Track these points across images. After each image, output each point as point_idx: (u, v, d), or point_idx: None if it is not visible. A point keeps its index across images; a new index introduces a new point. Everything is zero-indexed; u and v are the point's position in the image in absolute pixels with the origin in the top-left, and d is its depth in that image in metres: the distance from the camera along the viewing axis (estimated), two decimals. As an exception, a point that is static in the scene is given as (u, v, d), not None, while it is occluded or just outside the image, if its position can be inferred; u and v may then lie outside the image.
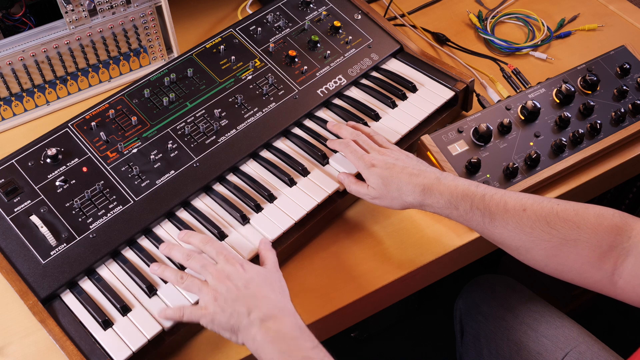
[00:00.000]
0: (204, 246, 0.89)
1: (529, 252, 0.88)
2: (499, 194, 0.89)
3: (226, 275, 0.84)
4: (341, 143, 1.01)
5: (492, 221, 0.88)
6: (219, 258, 0.86)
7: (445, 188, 0.91)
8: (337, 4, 1.24)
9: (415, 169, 0.94)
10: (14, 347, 0.89)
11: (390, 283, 0.98)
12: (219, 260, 0.86)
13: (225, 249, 0.87)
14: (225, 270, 0.84)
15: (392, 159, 0.96)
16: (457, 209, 0.90)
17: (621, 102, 1.16)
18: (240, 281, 0.83)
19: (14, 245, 0.90)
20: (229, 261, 0.85)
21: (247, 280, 0.83)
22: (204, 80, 1.10)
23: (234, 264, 0.85)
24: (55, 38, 1.13)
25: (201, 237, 0.90)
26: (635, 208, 1.65)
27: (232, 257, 0.86)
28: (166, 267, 0.89)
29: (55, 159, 0.97)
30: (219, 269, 0.85)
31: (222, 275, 0.84)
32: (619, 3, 1.43)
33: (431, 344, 1.73)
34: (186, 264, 0.88)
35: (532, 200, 0.88)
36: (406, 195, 0.93)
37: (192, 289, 0.86)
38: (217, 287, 0.83)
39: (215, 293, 0.83)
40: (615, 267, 0.83)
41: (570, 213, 0.85)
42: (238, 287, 0.82)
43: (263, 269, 0.87)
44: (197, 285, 0.85)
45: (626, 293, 0.83)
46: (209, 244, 0.88)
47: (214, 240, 0.89)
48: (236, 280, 0.83)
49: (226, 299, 0.82)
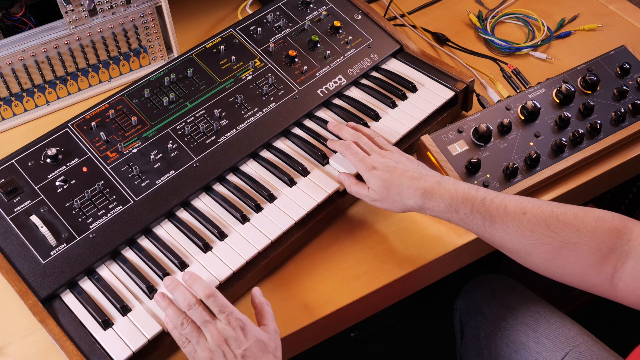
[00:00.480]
0: (206, 300, 0.85)
1: (529, 255, 0.88)
2: (499, 198, 0.89)
3: (225, 338, 0.81)
4: (342, 144, 1.01)
5: (493, 224, 0.88)
6: (220, 316, 0.83)
7: (446, 192, 0.91)
8: (337, 4, 1.24)
9: (416, 173, 0.94)
10: (14, 347, 0.89)
11: (390, 283, 0.98)
12: (221, 319, 0.83)
13: (227, 308, 0.84)
14: (225, 333, 0.82)
15: (393, 162, 0.96)
16: (457, 212, 0.90)
17: (621, 102, 1.16)
18: (238, 349, 0.81)
19: (14, 245, 0.90)
20: (230, 323, 0.82)
21: (245, 350, 0.81)
22: (204, 80, 1.10)
23: (235, 327, 0.82)
24: (55, 38, 1.13)
25: (205, 287, 0.86)
26: (635, 208, 1.65)
27: (234, 319, 0.83)
28: (170, 305, 0.86)
29: (55, 159, 0.97)
30: (219, 330, 0.82)
31: (221, 338, 0.81)
32: (619, 3, 1.43)
33: (431, 344, 1.73)
34: (187, 313, 0.85)
35: (532, 204, 0.88)
36: (407, 198, 0.93)
37: (192, 338, 0.83)
38: (214, 348, 0.81)
39: (211, 354, 0.81)
40: (615, 270, 0.83)
41: (570, 216, 0.85)
42: (235, 355, 0.80)
43: (263, 335, 0.83)
44: (196, 338, 0.83)
45: (626, 296, 0.83)
46: (211, 299, 0.85)
47: (218, 294, 0.85)
48: (234, 347, 0.81)
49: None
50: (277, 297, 0.95)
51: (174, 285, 0.87)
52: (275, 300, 0.95)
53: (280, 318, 0.93)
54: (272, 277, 0.98)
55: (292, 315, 0.93)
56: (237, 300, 0.95)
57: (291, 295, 0.96)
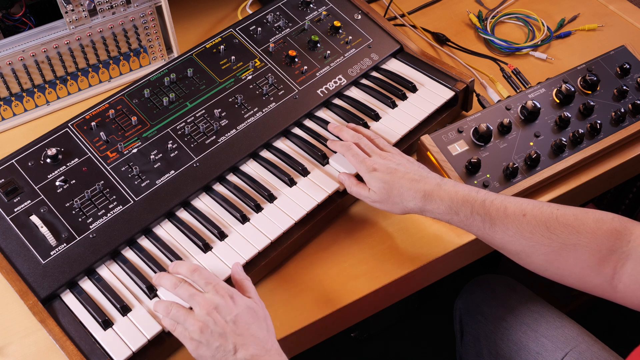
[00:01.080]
0: (191, 275, 0.85)
1: (529, 256, 0.88)
2: (499, 199, 0.89)
3: (214, 306, 0.81)
4: (342, 145, 1.01)
5: (493, 226, 0.88)
6: (207, 288, 0.83)
7: (446, 194, 0.91)
8: (337, 4, 1.24)
9: (417, 175, 0.94)
10: (14, 347, 0.89)
11: (390, 283, 0.98)
12: (208, 290, 0.83)
13: (213, 279, 0.85)
14: (214, 302, 0.81)
15: (393, 164, 0.96)
16: (457, 214, 0.90)
17: (621, 102, 1.16)
18: (229, 315, 0.80)
19: (14, 245, 0.90)
20: (218, 292, 0.82)
21: (236, 315, 0.80)
22: (204, 80, 1.10)
23: (224, 295, 0.82)
24: (55, 38, 1.13)
25: (189, 265, 0.87)
26: (635, 208, 1.65)
27: (221, 288, 0.83)
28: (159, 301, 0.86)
29: (55, 159, 0.97)
30: (207, 300, 0.82)
31: (210, 307, 0.81)
32: (619, 3, 1.43)
33: (431, 344, 1.73)
34: (174, 292, 0.85)
35: (531, 206, 0.88)
36: (407, 200, 0.93)
37: (179, 318, 0.83)
38: (204, 318, 0.80)
39: (201, 324, 0.80)
40: (615, 271, 0.83)
41: (569, 218, 0.85)
42: (226, 321, 0.80)
43: (252, 303, 0.84)
44: (183, 315, 0.82)
45: (626, 297, 0.83)
46: (196, 273, 0.85)
47: (202, 269, 0.86)
48: (224, 313, 0.81)
49: (212, 332, 0.80)
50: (277, 297, 0.95)
51: (159, 275, 0.88)
52: (275, 300, 0.95)
53: (280, 318, 0.93)
54: (272, 277, 0.98)
55: (292, 315, 0.93)
56: (237, 300, 0.95)
57: (291, 295, 0.96)
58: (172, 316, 0.83)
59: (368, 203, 0.98)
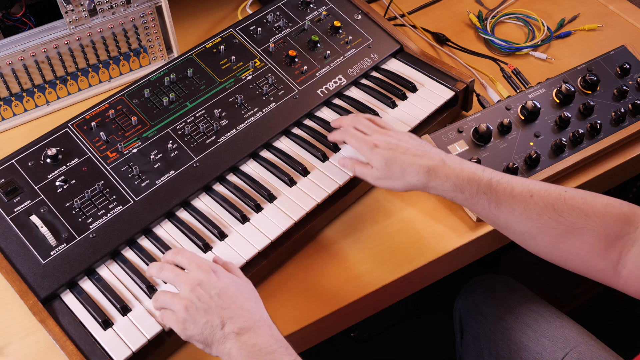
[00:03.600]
0: (174, 257, 0.85)
1: (534, 238, 0.87)
2: (505, 179, 0.88)
3: (198, 282, 0.80)
4: (341, 132, 1.01)
5: (498, 206, 0.87)
6: (190, 266, 0.83)
7: (451, 171, 0.90)
8: (337, 4, 1.24)
9: (420, 150, 0.93)
10: (14, 347, 0.89)
11: (390, 283, 0.98)
12: (191, 268, 0.83)
13: (196, 257, 0.84)
14: (197, 278, 0.80)
15: (394, 140, 0.95)
16: (462, 192, 0.89)
17: (621, 102, 1.16)
18: (213, 290, 0.79)
19: (14, 245, 0.90)
20: (200, 268, 0.82)
21: (220, 289, 0.79)
22: (204, 80, 1.10)
23: (207, 271, 0.81)
24: (55, 38, 1.13)
25: (173, 249, 0.87)
26: (635, 208, 1.64)
27: (203, 264, 0.82)
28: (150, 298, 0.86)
29: (55, 159, 0.97)
30: (191, 276, 0.81)
31: (194, 283, 0.80)
32: (619, 3, 1.43)
33: (431, 344, 1.73)
34: (159, 276, 0.85)
35: (539, 187, 0.87)
36: (410, 176, 0.92)
37: (165, 303, 0.82)
38: (188, 296, 0.79)
39: (186, 302, 0.79)
40: (621, 256, 0.82)
41: (578, 200, 0.84)
42: (211, 296, 0.79)
43: (237, 278, 0.83)
44: (169, 298, 0.82)
45: (629, 283, 0.82)
46: (179, 254, 0.85)
47: (184, 250, 0.86)
48: (209, 288, 0.79)
49: (198, 308, 0.78)
50: (277, 297, 0.95)
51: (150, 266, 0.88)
52: (275, 300, 0.95)
53: (281, 318, 0.93)
54: (272, 277, 0.98)
55: (292, 315, 0.93)
56: (237, 300, 0.95)
57: (291, 295, 0.96)
58: (160, 303, 0.83)
59: (371, 182, 0.97)
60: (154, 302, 0.85)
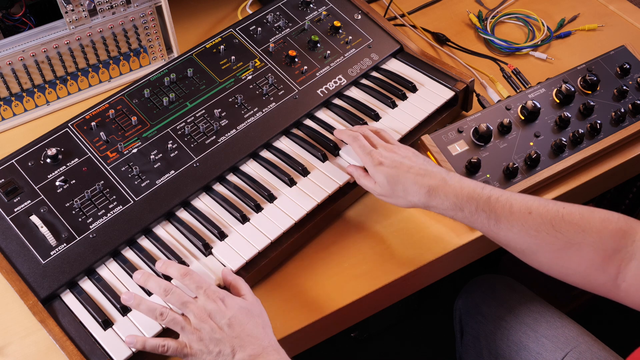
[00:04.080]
0: (182, 279, 0.85)
1: (534, 254, 0.88)
2: (504, 196, 0.89)
3: (208, 313, 0.81)
4: (350, 135, 1.01)
5: (498, 223, 0.88)
6: (198, 293, 0.84)
7: (451, 190, 0.91)
8: (337, 4, 1.24)
9: (422, 169, 0.93)
10: (14, 347, 0.89)
11: (390, 283, 0.98)
12: (199, 296, 0.83)
13: (204, 283, 0.85)
14: (207, 308, 0.82)
15: (399, 157, 0.95)
16: (462, 210, 0.90)
17: (621, 102, 1.16)
18: (222, 320, 0.81)
19: (14, 245, 0.90)
20: (209, 297, 0.83)
21: (229, 319, 0.81)
22: (204, 80, 1.10)
23: (215, 300, 0.82)
24: (55, 38, 1.13)
25: (179, 268, 0.87)
26: (635, 208, 1.65)
27: (212, 292, 0.83)
28: (142, 300, 0.85)
29: (55, 159, 0.97)
30: (200, 307, 0.82)
31: (204, 314, 0.81)
32: (619, 3, 1.43)
33: (431, 344, 1.73)
34: (165, 300, 0.85)
35: (537, 203, 0.88)
36: (412, 195, 0.93)
37: (175, 326, 0.83)
38: (199, 326, 0.81)
39: (199, 333, 0.81)
40: (619, 270, 0.83)
41: (575, 216, 0.85)
42: (221, 326, 0.80)
43: (244, 302, 0.84)
44: (180, 324, 0.82)
45: (629, 296, 0.83)
46: (187, 277, 0.85)
47: (192, 273, 0.86)
48: (218, 319, 0.81)
49: (211, 339, 0.80)
50: (277, 297, 0.95)
51: (146, 276, 0.87)
52: (275, 301, 0.95)
53: (280, 318, 0.93)
54: (272, 277, 0.98)
55: (292, 316, 0.93)
56: (237, 300, 0.95)
57: (291, 295, 0.96)
58: (167, 323, 0.83)
59: (374, 195, 0.99)
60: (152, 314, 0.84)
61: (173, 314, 0.83)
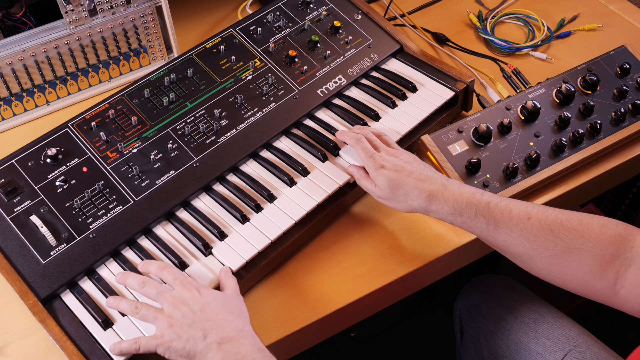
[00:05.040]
0: (160, 272, 0.86)
1: (532, 260, 0.88)
2: (503, 202, 0.89)
3: (182, 300, 0.82)
4: (353, 137, 1.01)
5: (497, 228, 0.88)
6: (175, 284, 0.84)
7: (450, 195, 0.91)
8: (337, 4, 1.24)
9: (423, 175, 0.94)
10: (14, 347, 0.89)
11: (390, 283, 0.98)
12: (176, 286, 0.84)
13: (182, 275, 0.85)
14: (182, 296, 0.82)
15: (401, 162, 0.96)
16: (461, 215, 0.90)
17: (621, 102, 1.16)
18: (196, 305, 0.81)
19: (14, 245, 0.90)
20: (185, 287, 0.83)
21: (203, 304, 0.81)
22: (204, 80, 1.10)
23: (191, 289, 0.83)
24: (55, 38, 1.13)
25: (158, 264, 0.87)
26: (635, 208, 1.65)
27: (188, 283, 0.84)
28: (121, 299, 0.86)
29: (55, 159, 0.97)
30: (175, 295, 0.82)
31: (178, 301, 0.81)
32: (619, 3, 1.43)
33: (431, 344, 1.73)
34: (141, 292, 0.85)
35: (536, 209, 0.88)
36: (412, 200, 0.93)
37: (148, 318, 0.83)
38: (172, 313, 0.81)
39: (170, 319, 0.80)
40: (618, 276, 0.83)
41: (574, 222, 0.85)
42: (194, 311, 0.80)
43: (221, 294, 0.84)
44: (152, 314, 0.82)
45: (628, 303, 0.83)
46: (165, 270, 0.86)
47: (170, 266, 0.87)
48: (192, 304, 0.81)
49: (182, 324, 0.80)
50: (277, 297, 0.95)
51: (125, 275, 0.88)
52: (275, 300, 0.95)
53: (281, 318, 0.93)
54: (272, 277, 0.98)
55: (292, 315, 0.93)
56: (237, 300, 0.95)
57: (291, 295, 0.96)
58: (141, 315, 0.83)
59: (374, 197, 0.99)
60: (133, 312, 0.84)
61: (147, 305, 0.84)
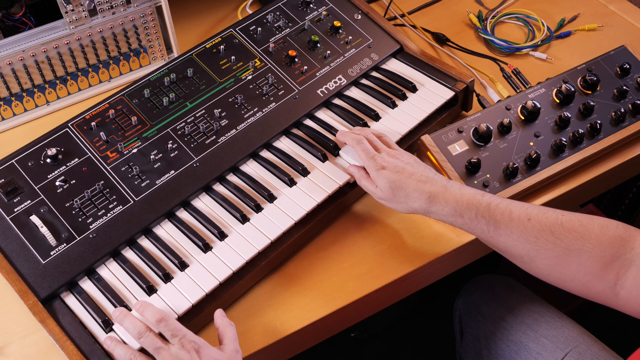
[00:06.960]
0: (157, 325, 0.82)
1: (532, 261, 0.88)
2: (504, 203, 0.89)
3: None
4: (353, 138, 1.01)
5: (497, 230, 0.88)
6: (173, 341, 0.81)
7: (451, 196, 0.91)
8: (337, 4, 1.24)
9: (423, 176, 0.94)
10: (14, 347, 0.89)
11: (390, 283, 0.98)
12: (174, 344, 0.81)
13: (180, 331, 0.81)
14: (179, 357, 0.79)
15: (402, 163, 0.96)
16: (462, 216, 0.90)
17: (621, 102, 1.16)
18: None
19: (14, 245, 0.90)
20: (183, 346, 0.80)
21: None
22: (204, 80, 1.10)
23: (189, 350, 0.79)
24: (55, 38, 1.13)
25: (156, 312, 0.83)
26: (635, 208, 1.65)
27: (187, 342, 0.80)
28: (117, 344, 0.83)
29: (55, 159, 0.97)
30: (173, 354, 0.79)
31: None
32: (619, 3, 1.43)
33: (431, 345, 1.73)
34: (139, 342, 0.83)
35: (537, 210, 0.88)
36: (412, 201, 0.93)
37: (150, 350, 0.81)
38: None
39: None
40: (618, 277, 0.83)
41: (574, 223, 0.85)
42: None
43: (219, 355, 0.81)
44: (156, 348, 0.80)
45: (628, 304, 0.83)
46: (163, 323, 0.82)
47: (169, 318, 0.83)
48: None
49: None
50: (277, 297, 0.95)
51: (123, 315, 0.85)
52: (275, 300, 0.95)
53: (280, 318, 0.93)
54: (272, 277, 0.98)
55: (292, 315, 0.93)
56: (237, 301, 0.95)
57: (291, 295, 0.96)
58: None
59: (374, 198, 0.99)
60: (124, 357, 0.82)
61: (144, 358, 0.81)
